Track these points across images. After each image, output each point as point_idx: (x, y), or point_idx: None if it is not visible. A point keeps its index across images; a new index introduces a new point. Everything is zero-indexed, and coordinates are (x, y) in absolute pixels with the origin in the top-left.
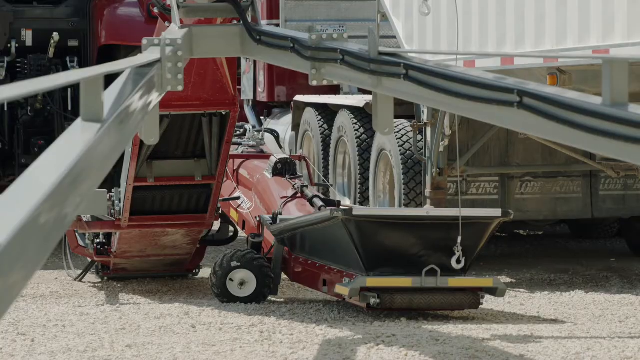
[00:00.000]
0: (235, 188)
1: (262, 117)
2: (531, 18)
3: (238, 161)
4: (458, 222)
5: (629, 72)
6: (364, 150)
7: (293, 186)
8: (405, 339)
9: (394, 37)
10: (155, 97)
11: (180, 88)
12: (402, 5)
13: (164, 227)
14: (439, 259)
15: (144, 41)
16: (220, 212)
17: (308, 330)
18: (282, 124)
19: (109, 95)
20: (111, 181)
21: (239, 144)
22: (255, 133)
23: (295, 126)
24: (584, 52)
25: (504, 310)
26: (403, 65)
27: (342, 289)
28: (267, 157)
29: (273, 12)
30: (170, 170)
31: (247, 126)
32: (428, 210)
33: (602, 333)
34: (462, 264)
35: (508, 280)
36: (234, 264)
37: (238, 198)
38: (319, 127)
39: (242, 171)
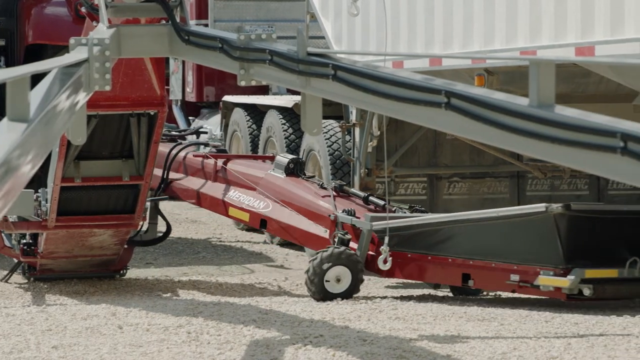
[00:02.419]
0: (227, 187)
1: (190, 118)
2: (459, 19)
3: (218, 161)
4: None
5: (555, 73)
6: (293, 150)
7: (320, 185)
8: (333, 339)
9: (323, 37)
10: (82, 97)
11: (108, 88)
12: (331, 6)
13: (91, 228)
14: (635, 251)
15: (72, 41)
16: (147, 212)
17: (235, 330)
18: (211, 124)
19: (36, 95)
20: (38, 181)
21: (206, 144)
22: (215, 134)
23: (224, 126)
24: (511, 53)
25: (432, 310)
26: (331, 65)
27: (556, 281)
28: (252, 157)
29: (202, 12)
30: (98, 171)
31: (208, 127)
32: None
33: (528, 333)
34: (389, 264)
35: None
36: (330, 263)
37: (166, 198)
38: (248, 127)
39: (231, 171)
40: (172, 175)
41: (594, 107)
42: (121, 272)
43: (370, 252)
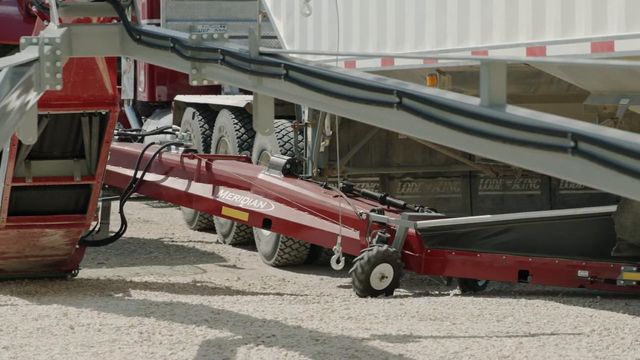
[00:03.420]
0: (216, 187)
1: (142, 117)
2: (411, 19)
3: (202, 161)
4: None
5: (506, 74)
6: (245, 150)
7: (324, 186)
8: (285, 339)
9: (275, 37)
10: (33, 97)
11: (59, 87)
12: (283, 6)
13: (43, 228)
14: None
15: (22, 40)
16: (99, 212)
17: (188, 330)
18: (163, 124)
19: None
20: None
21: (181, 144)
22: (184, 134)
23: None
24: (463, 53)
25: (384, 309)
26: (283, 65)
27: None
28: (225, 157)
29: (154, 12)
30: (49, 170)
31: (175, 126)
32: None
33: (480, 332)
34: (342, 264)
35: None
36: (377, 260)
37: (117, 198)
38: (200, 127)
39: (217, 171)
40: (149, 175)
41: (545, 107)
42: (73, 272)
43: (408, 252)
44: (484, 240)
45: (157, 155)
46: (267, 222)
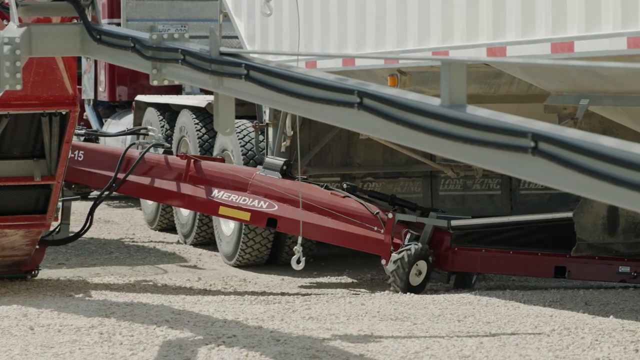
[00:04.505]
0: (208, 187)
1: (104, 118)
2: (372, 19)
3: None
4: None
5: (467, 74)
6: (206, 150)
7: (326, 187)
8: (246, 339)
9: (236, 37)
10: None
11: (18, 87)
12: (244, 6)
13: (2, 228)
14: None
15: None
16: (59, 212)
17: (148, 331)
18: (124, 124)
19: None
20: None
21: (161, 145)
22: (160, 135)
23: (137, 126)
24: (423, 53)
25: (345, 310)
26: (244, 65)
27: None
28: (205, 158)
29: (114, 12)
30: (9, 170)
31: (152, 127)
32: None
33: (440, 332)
34: (302, 264)
35: (349, 280)
36: (416, 257)
37: (78, 198)
38: (161, 127)
39: (210, 171)
40: (132, 176)
41: (505, 108)
42: (33, 272)
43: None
44: (517, 239)
45: (146, 156)
46: (271, 221)
